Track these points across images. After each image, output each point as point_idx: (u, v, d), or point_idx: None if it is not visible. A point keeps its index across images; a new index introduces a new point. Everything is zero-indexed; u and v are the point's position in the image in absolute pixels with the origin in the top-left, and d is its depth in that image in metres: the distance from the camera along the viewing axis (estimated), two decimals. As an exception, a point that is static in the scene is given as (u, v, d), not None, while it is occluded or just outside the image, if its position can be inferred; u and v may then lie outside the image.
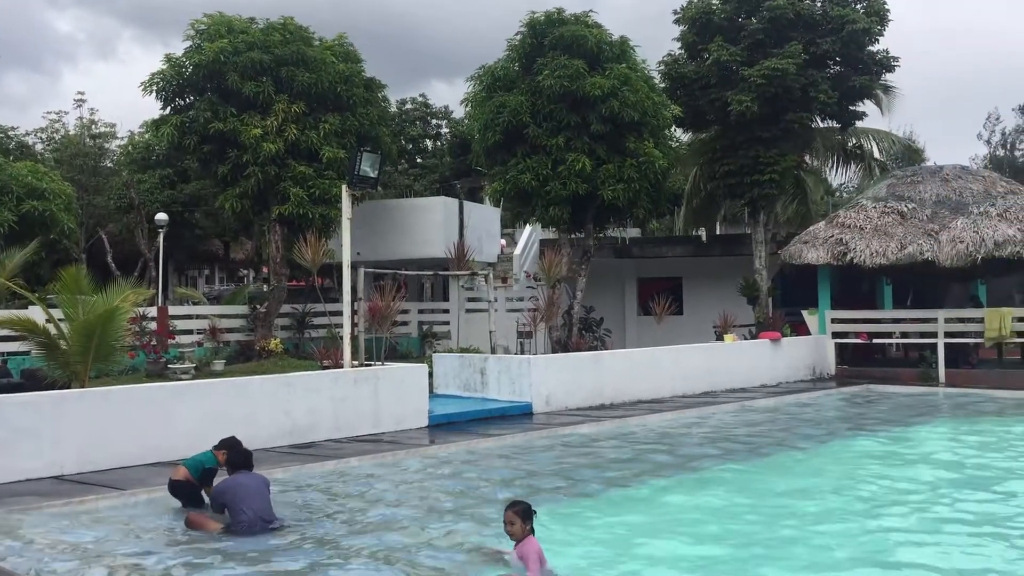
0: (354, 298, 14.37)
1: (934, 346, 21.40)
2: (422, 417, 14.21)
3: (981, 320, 21.27)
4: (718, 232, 32.26)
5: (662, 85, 23.90)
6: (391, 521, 8.48)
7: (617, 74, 20.51)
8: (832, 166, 31.06)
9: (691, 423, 15.04)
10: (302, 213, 20.47)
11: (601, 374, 17.09)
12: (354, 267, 14.54)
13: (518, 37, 21.92)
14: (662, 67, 24.52)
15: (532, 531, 6.54)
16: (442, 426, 14.19)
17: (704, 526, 8.38)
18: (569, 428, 14.10)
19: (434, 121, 42.91)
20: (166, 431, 11.25)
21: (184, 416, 11.45)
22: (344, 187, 14.11)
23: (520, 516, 6.50)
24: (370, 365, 14.23)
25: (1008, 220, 21.00)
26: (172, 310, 22.20)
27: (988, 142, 62.27)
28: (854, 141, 29.67)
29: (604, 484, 10.13)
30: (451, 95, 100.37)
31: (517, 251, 28.85)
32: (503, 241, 30.25)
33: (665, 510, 9.20)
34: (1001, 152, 61.36)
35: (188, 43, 21.07)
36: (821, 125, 26.50)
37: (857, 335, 22.65)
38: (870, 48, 23.74)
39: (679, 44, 24.89)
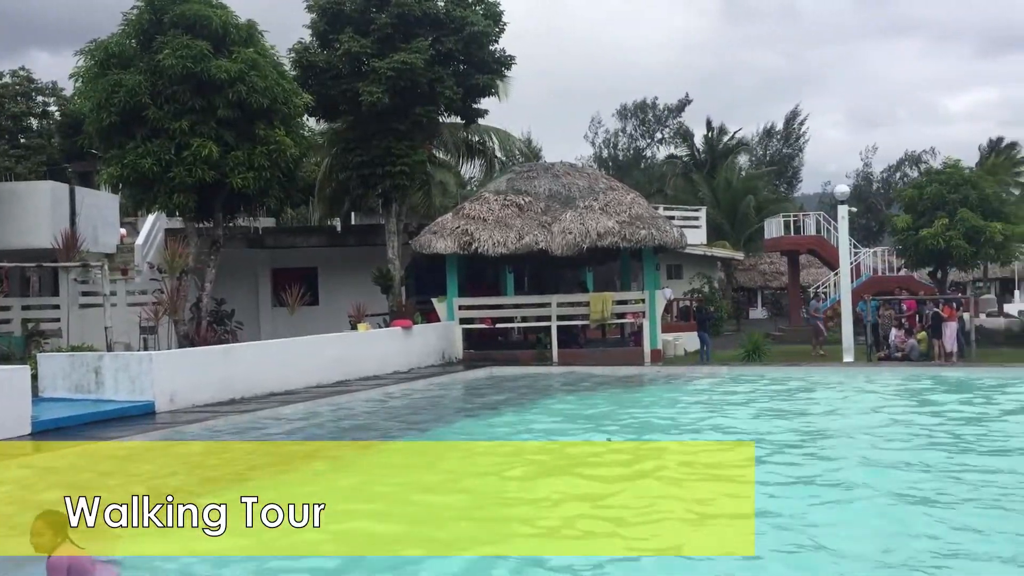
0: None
1: (549, 329, 23.37)
2: (24, 424, 12.79)
3: (587, 304, 23.57)
4: (353, 222, 32.52)
5: (293, 73, 23.55)
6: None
7: (245, 58, 19.82)
8: (459, 160, 32.66)
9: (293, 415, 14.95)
10: None
11: (232, 368, 16.50)
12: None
13: (135, 11, 20.39)
14: (293, 55, 24.18)
15: (69, 541, 5.91)
16: (50, 432, 12.87)
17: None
18: (196, 425, 13.46)
19: (40, 97, 38.58)
20: None
21: None
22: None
23: (51, 526, 5.89)
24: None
25: (608, 213, 23.43)
26: None
27: (593, 142, 69.24)
28: (477, 137, 31.40)
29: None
30: (58, 69, 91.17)
31: (139, 241, 26.91)
32: (123, 230, 28.07)
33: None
34: (604, 152, 68.44)
35: None
36: (448, 120, 27.73)
37: (482, 320, 24.06)
38: (490, 48, 25.22)
39: (310, 32, 24.69)
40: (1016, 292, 43.14)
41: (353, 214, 32.12)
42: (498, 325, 24.87)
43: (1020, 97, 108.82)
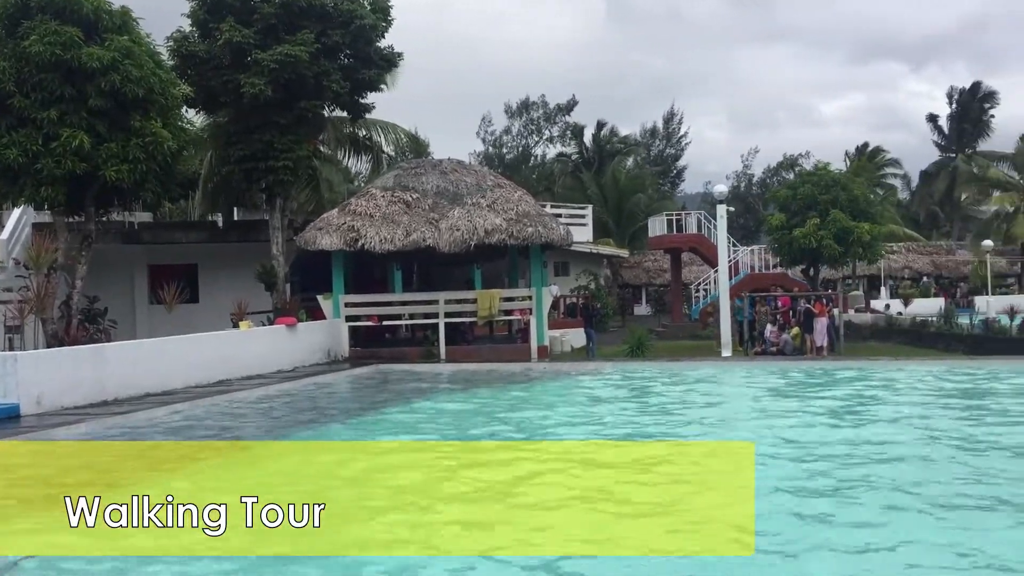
0: None
1: (437, 326, 23.33)
2: None
3: (475, 301, 23.63)
4: (235, 218, 31.68)
5: (171, 62, 22.79)
6: None
7: (118, 46, 19.01)
8: (345, 156, 32.24)
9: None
10: None
11: (104, 369, 15.84)
12: None
13: (-2, -6, 19.30)
14: (171, 43, 23.39)
15: None
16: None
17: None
18: (63, 429, 12.86)
19: None
20: None
21: None
22: None
23: None
24: None
25: (496, 211, 23.54)
26: None
27: (484, 140, 69.52)
28: (365, 132, 31.06)
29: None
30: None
31: (3, 236, 25.53)
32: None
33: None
34: (492, 149, 68.76)
35: None
36: (334, 115, 27.34)
37: (369, 318, 23.84)
38: (377, 44, 24.96)
39: (190, 21, 23.92)
40: (882, 289, 45.41)
41: (236, 210, 31.29)
42: (385, 323, 24.69)
43: (886, 103, 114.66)
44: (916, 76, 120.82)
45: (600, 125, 64.83)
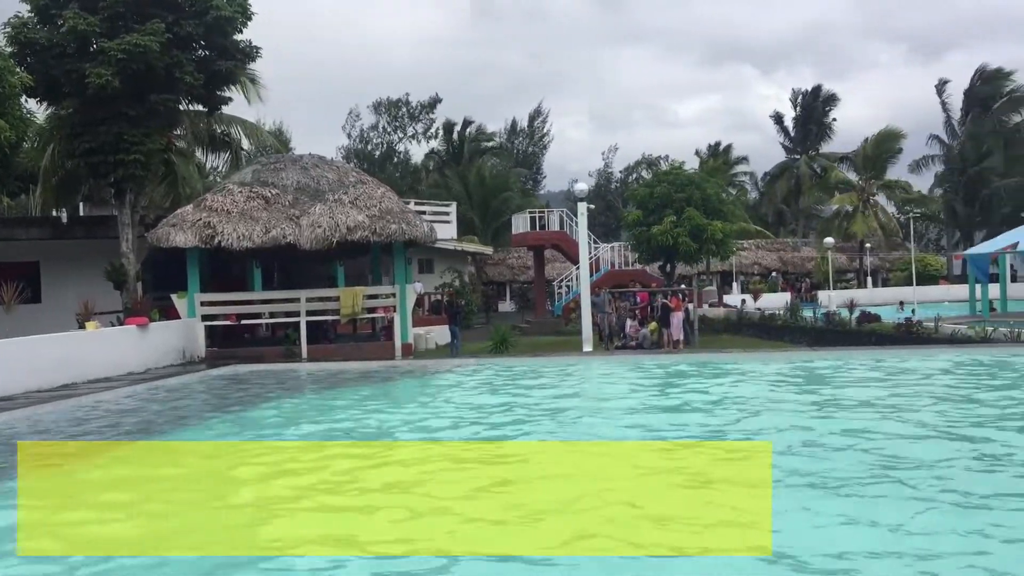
0: None
1: (298, 325, 22.90)
2: None
3: (338, 299, 23.32)
4: (81, 213, 30.17)
5: (9, 49, 21.51)
6: None
7: (-52, 30, 17.86)
8: (203, 151, 31.20)
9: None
10: None
11: (-67, 374, 14.83)
12: None
13: None
14: (9, 29, 22.06)
15: None
16: None
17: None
18: None
19: None
20: None
21: None
22: None
23: None
24: None
25: (359, 207, 23.29)
26: None
27: (350, 135, 68.68)
28: (223, 128, 30.13)
29: None
30: None
31: None
32: None
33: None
34: (359, 145, 68.06)
35: None
36: (189, 108, 26.40)
37: (227, 317, 23.17)
38: (235, 36, 24.23)
39: (29, 6, 22.61)
40: (734, 284, 47.47)
41: (82, 204, 29.81)
42: (244, 322, 24.04)
43: (738, 105, 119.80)
44: (766, 79, 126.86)
45: (467, 123, 65.10)
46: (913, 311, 29.64)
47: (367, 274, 28.92)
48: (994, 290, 32.80)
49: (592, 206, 33.53)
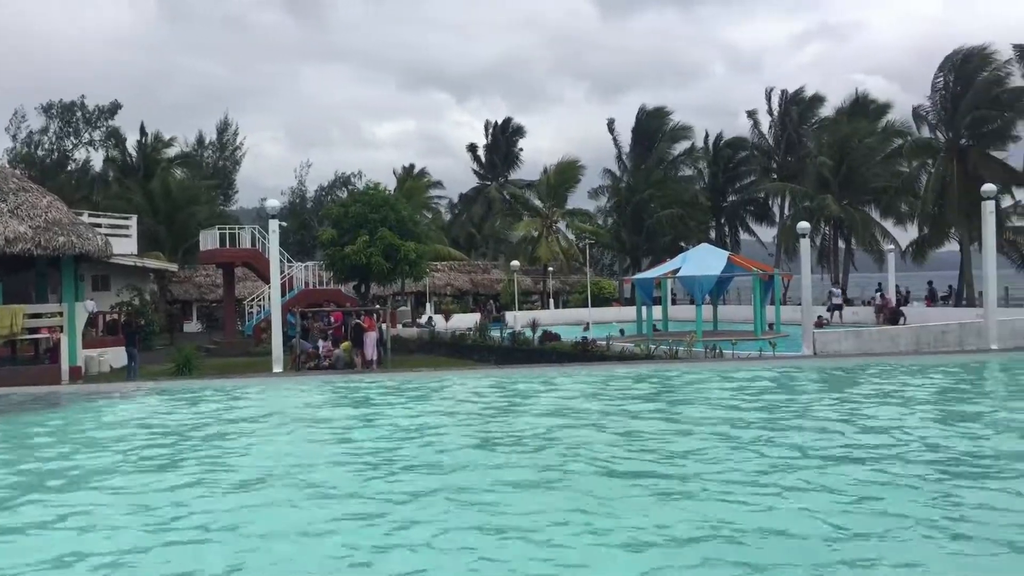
0: None
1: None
2: None
3: (-9, 318, 20.99)
4: None
5: None
6: None
7: None
8: None
9: None
10: None
11: None
12: None
13: None
14: None
15: None
16: None
17: None
18: None
19: None
20: None
21: None
22: None
23: None
24: None
25: (20, 217, 21.18)
26: None
27: (15, 137, 62.11)
28: None
29: None
30: None
31: None
32: None
33: None
34: (26, 149, 61.79)
35: None
36: None
37: None
38: None
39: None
40: (428, 304, 48.51)
41: None
42: None
43: (434, 130, 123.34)
44: (460, 107, 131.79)
45: (145, 131, 61.29)
46: (587, 327, 32.03)
47: (31, 291, 26.28)
48: (658, 311, 36.32)
49: (284, 224, 32.93)
